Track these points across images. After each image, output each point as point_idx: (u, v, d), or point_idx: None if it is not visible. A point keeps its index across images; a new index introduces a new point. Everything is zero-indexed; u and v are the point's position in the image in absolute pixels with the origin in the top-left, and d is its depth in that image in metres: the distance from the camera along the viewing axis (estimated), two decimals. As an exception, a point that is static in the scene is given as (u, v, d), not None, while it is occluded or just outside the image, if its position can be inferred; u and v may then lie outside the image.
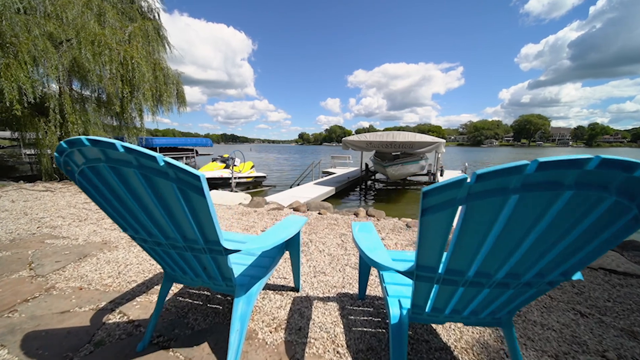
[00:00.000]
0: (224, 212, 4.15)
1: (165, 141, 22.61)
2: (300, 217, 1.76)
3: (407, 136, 7.91)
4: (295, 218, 1.73)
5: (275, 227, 1.54)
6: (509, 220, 0.71)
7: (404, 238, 3.12)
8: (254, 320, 1.60)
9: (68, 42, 9.58)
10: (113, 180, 0.91)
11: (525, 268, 0.86)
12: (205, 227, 1.00)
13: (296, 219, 1.71)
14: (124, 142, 0.78)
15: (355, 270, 2.27)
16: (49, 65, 9.09)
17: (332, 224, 3.61)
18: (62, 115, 9.70)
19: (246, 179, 10.11)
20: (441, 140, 7.82)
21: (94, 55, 9.43)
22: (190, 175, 0.82)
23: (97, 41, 9.49)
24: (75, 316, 1.58)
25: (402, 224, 3.64)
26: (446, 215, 0.73)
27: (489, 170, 0.62)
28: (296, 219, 1.71)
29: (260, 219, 3.79)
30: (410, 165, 9.61)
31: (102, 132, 13.20)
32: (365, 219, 3.85)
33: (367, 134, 8.67)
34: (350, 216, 4.00)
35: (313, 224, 3.60)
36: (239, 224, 3.57)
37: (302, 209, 4.22)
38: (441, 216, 0.74)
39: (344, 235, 3.13)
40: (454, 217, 0.74)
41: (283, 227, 1.54)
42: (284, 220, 1.69)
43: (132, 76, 10.12)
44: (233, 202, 4.77)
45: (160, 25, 13.34)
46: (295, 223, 1.64)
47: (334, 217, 3.90)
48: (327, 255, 2.58)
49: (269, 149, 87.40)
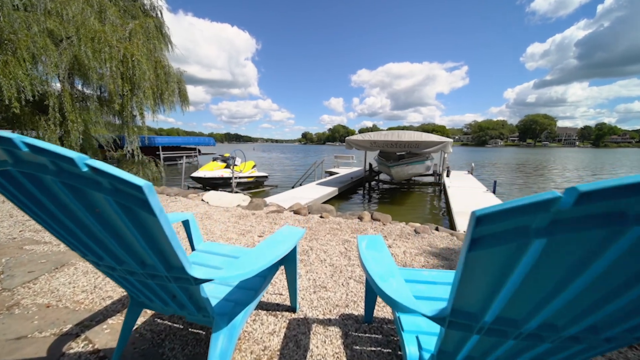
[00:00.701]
0: (221, 214, 3.92)
1: (167, 140, 22.54)
2: (297, 229, 1.50)
3: (413, 135, 7.62)
4: (291, 230, 1.47)
5: (267, 242, 1.28)
6: (618, 259, 0.45)
7: (413, 245, 2.85)
8: (241, 351, 1.35)
9: (68, 40, 9.45)
10: (34, 190, 0.67)
11: (612, 319, 0.60)
12: (166, 252, 0.75)
13: (292, 231, 1.45)
14: (25, 138, 0.53)
15: (360, 284, 2.01)
16: (49, 63, 8.95)
17: (335, 228, 3.36)
18: (62, 113, 9.57)
19: (247, 178, 9.89)
20: (448, 139, 7.51)
21: (94, 52, 9.27)
22: (130, 186, 0.57)
23: (97, 38, 9.32)
24: (32, 344, 1.35)
25: (409, 230, 3.37)
26: (510, 250, 0.48)
27: (603, 186, 0.36)
28: (292, 231, 1.45)
29: (258, 223, 3.54)
30: (416, 166, 9.31)
31: (104, 130, 13.15)
32: (370, 223, 3.58)
33: (372, 133, 8.39)
34: (354, 220, 3.74)
35: (314, 228, 3.35)
36: (235, 228, 3.33)
37: (303, 212, 3.97)
38: (502, 251, 0.48)
39: (348, 242, 2.87)
40: (523, 254, 0.48)
41: (276, 242, 1.29)
42: (278, 232, 1.44)
43: (132, 74, 9.95)
44: (231, 204, 4.54)
45: (162, 23, 13.20)
46: (291, 236, 1.38)
47: (337, 221, 3.65)
48: (328, 265, 2.32)
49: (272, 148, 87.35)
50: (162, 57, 11.98)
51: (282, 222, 3.58)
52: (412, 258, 2.51)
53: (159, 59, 11.66)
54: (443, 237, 3.12)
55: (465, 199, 7.19)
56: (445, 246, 2.85)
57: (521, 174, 16.58)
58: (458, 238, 3.06)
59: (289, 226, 1.51)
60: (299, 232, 1.45)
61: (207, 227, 3.33)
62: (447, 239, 3.07)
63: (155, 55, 11.52)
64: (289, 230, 1.46)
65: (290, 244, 1.28)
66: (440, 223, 6.23)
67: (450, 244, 2.92)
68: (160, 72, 11.75)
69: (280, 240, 1.31)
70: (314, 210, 4.07)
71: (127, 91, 10.07)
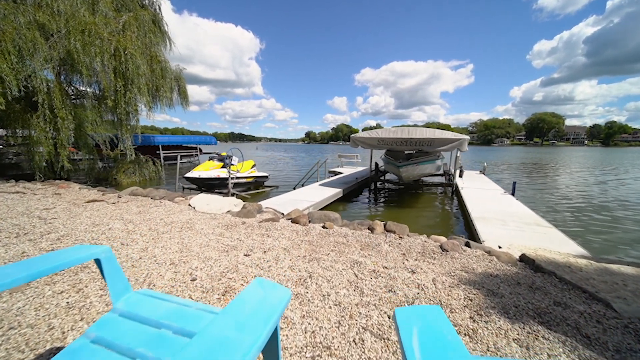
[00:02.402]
0: (205, 223, 3.31)
1: (167, 139, 22.08)
2: (276, 292, 0.84)
3: (425, 132, 6.93)
4: (264, 297, 0.80)
5: (223, 322, 0.65)
6: None
7: (443, 269, 2.21)
8: None
9: (59, 33, 8.96)
10: None
11: None
12: None
13: (267, 299, 0.78)
14: None
15: (380, 340, 1.39)
16: (38, 57, 8.46)
17: (341, 243, 2.73)
18: (52, 110, 9.09)
19: (246, 179, 9.29)
20: (465, 137, 6.82)
21: (84, 45, 8.76)
22: None
23: (87, 31, 8.79)
24: None
25: (433, 245, 2.72)
26: None
27: None
28: (267, 299, 0.78)
29: (247, 235, 2.93)
30: (427, 165, 8.62)
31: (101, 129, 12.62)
32: (383, 236, 2.95)
33: (379, 130, 7.73)
34: (363, 231, 3.11)
35: (316, 243, 2.73)
36: (218, 243, 2.71)
37: (303, 220, 3.35)
38: None
39: (358, 265, 2.24)
40: None
41: (239, 326, 0.65)
42: (244, 298, 0.78)
43: (125, 68, 9.41)
44: (220, 210, 3.94)
45: (161, 19, 12.66)
46: (265, 312, 0.73)
47: (343, 233, 3.02)
48: (333, 305, 1.70)
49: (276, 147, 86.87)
50: (159, 52, 11.42)
51: (276, 234, 2.96)
52: (447, 292, 1.87)
53: (155, 54, 11.10)
54: (478, 256, 2.48)
55: (483, 202, 6.50)
56: (485, 271, 2.20)
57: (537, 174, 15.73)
58: (499, 259, 2.41)
59: (262, 282, 0.85)
60: (280, 301, 0.78)
61: (185, 241, 2.73)
62: (483, 259, 2.42)
63: (151, 50, 10.97)
64: (260, 296, 0.79)
65: (266, 325, 0.64)
66: (455, 229, 5.56)
67: (490, 267, 2.27)
68: (157, 67, 11.20)
69: (249, 317, 0.67)
70: (316, 218, 3.45)
71: (120, 87, 9.53)
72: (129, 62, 9.36)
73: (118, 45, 9.21)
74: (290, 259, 2.36)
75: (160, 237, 2.85)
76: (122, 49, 9.24)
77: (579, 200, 8.59)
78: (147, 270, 2.09)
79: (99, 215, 3.69)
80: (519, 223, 5.03)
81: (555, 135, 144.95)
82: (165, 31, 12.84)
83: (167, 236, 2.87)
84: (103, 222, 3.38)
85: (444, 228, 5.90)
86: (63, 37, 8.71)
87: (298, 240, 2.80)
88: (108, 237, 2.84)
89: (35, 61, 8.46)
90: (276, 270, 2.11)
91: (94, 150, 11.90)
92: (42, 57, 8.50)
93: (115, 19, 9.91)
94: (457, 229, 5.73)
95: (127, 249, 2.54)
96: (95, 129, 12.00)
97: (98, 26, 8.94)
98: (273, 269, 2.13)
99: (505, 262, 2.34)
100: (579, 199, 8.79)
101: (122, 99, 9.66)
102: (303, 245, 2.67)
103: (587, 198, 8.76)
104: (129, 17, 10.05)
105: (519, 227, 4.79)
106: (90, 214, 3.76)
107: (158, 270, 2.09)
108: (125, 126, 10.20)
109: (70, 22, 8.67)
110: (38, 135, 8.95)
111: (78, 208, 4.13)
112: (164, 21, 12.93)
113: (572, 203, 8.02)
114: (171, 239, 2.79)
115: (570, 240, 3.80)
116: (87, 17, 8.91)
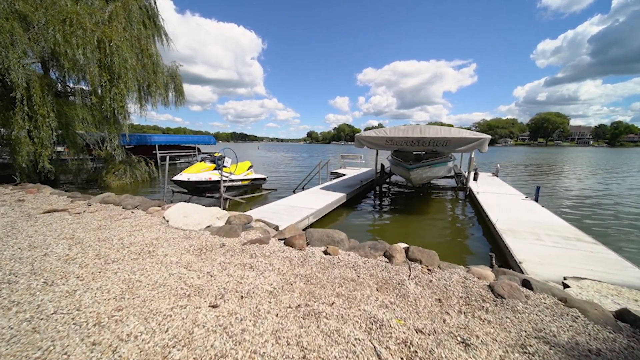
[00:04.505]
0: (173, 246, 2.56)
1: (164, 139, 21.35)
2: None
3: (440, 131, 6.15)
4: None
5: None
6: None
7: (508, 335, 1.44)
8: None
9: (40, 24, 8.26)
10: None
11: None
12: None
13: None
14: None
15: None
16: (16, 49, 7.75)
17: (349, 279, 1.97)
18: (31, 107, 8.38)
19: (241, 182, 8.54)
20: (486, 136, 6.02)
21: (65, 36, 8.04)
22: None
23: (68, 20, 8.08)
24: None
25: (479, 286, 1.95)
26: None
27: None
28: None
29: (222, 268, 2.16)
30: (439, 168, 7.83)
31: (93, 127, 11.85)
32: (405, 267, 2.18)
33: (387, 129, 6.95)
34: (377, 260, 2.34)
35: (315, 280, 1.97)
36: (180, 281, 1.96)
37: (299, 242, 2.58)
38: None
39: (378, 326, 1.48)
40: None
41: None
42: None
43: (110, 62, 8.68)
44: (199, 225, 3.19)
45: (156, 13, 11.94)
46: None
47: (351, 262, 2.26)
48: None
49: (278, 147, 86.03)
50: (150, 46, 10.67)
51: (263, 265, 2.20)
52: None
53: (146, 47, 10.36)
54: (551, 308, 1.70)
55: (506, 210, 5.72)
56: (574, 339, 1.43)
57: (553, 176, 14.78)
58: (586, 315, 1.62)
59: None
60: None
61: (135, 278, 1.97)
62: (561, 315, 1.64)
63: (141, 43, 10.23)
64: None
65: None
66: (476, 243, 4.78)
67: (579, 332, 1.49)
68: (147, 61, 10.47)
69: None
70: (316, 239, 2.68)
71: (106, 82, 8.80)
72: (114, 55, 8.62)
73: (103, 37, 8.47)
74: (277, 312, 1.60)
75: (105, 269, 2.10)
76: (107, 41, 8.50)
77: (611, 205, 7.76)
78: (50, 342, 1.34)
79: (46, 232, 2.95)
80: (556, 237, 4.25)
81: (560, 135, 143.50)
82: (161, 26, 12.11)
83: (114, 268, 2.12)
84: (45, 243, 2.64)
85: (462, 237, 5.12)
86: (42, 27, 8.00)
87: (291, 275, 2.04)
88: (34, 270, 2.09)
89: (13, 54, 7.74)
90: (252, 342, 1.35)
91: (83, 150, 11.21)
92: (21, 50, 7.80)
93: (102, 9, 9.19)
94: (477, 241, 4.94)
95: (49, 291, 1.79)
96: (88, 128, 11.28)
97: (81, 15, 8.20)
98: (248, 338, 1.37)
99: (596, 321, 1.56)
100: (609, 204, 7.96)
101: (108, 95, 8.92)
102: (297, 285, 1.91)
103: (621, 205, 7.90)
104: (116, 7, 9.31)
105: (557, 243, 4.01)
106: (36, 230, 3.02)
107: (67, 341, 1.33)
108: (112, 125, 9.47)
109: (49, 11, 7.95)
110: (17, 134, 8.25)
111: (28, 221, 3.40)
112: (160, 15, 12.20)
113: (608, 211, 7.14)
114: (118, 273, 2.04)
115: (628, 262, 3.05)
116: (68, 6, 8.19)
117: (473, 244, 4.71)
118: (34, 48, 8.56)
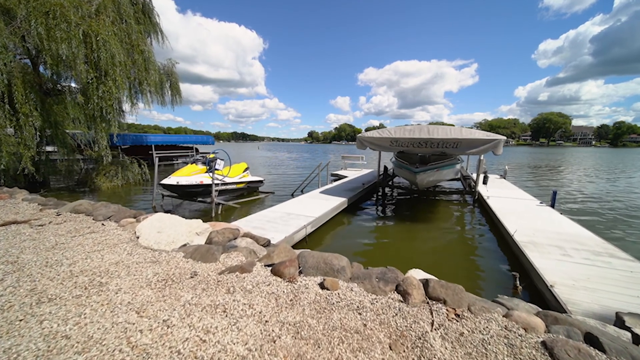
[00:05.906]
0: (133, 276, 2.05)
1: (160, 139, 20.84)
2: None
3: (451, 132, 5.63)
4: None
5: None
6: None
7: None
8: None
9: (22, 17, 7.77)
10: None
11: None
12: None
13: None
14: None
15: None
16: (-4, 43, 7.27)
17: (353, 330, 1.46)
18: (13, 105, 7.89)
19: (236, 185, 8.03)
20: (501, 137, 5.51)
21: (48, 30, 7.54)
22: None
23: (52, 12, 7.57)
24: None
25: (529, 344, 1.44)
26: None
27: None
28: None
29: (186, 313, 1.65)
30: (447, 171, 7.32)
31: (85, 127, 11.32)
32: (425, 311, 1.68)
33: (391, 129, 6.44)
34: (389, 298, 1.83)
35: (306, 333, 1.47)
36: (124, 336, 1.45)
37: (289, 271, 2.07)
38: None
39: None
40: None
41: None
42: None
43: (97, 57, 8.19)
44: (173, 243, 2.68)
45: (151, 9, 11.45)
46: None
47: (355, 303, 1.75)
48: None
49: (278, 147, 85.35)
50: (141, 42, 10.15)
51: (240, 306, 1.69)
52: None
53: (137, 43, 9.84)
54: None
55: (521, 218, 5.21)
56: None
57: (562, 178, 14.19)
58: None
59: None
60: None
61: (67, 327, 1.47)
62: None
63: (131, 38, 9.71)
64: None
65: None
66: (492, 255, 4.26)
67: None
68: (138, 57, 9.96)
69: None
70: (310, 266, 2.17)
71: (92, 78, 8.30)
72: (101, 50, 8.11)
73: (89, 31, 7.96)
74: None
75: (31, 314, 1.60)
76: (93, 35, 7.99)
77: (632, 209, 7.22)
78: None
79: (-12, 253, 2.46)
80: (585, 252, 3.73)
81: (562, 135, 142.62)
82: (157, 23, 11.62)
83: (45, 312, 1.62)
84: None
85: (474, 250, 4.60)
86: (23, 19, 7.51)
87: (275, 324, 1.54)
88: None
89: (-10, 48, 7.24)
90: None
91: (75, 151, 10.72)
92: (1, 44, 7.31)
93: (89, 1, 8.68)
94: (493, 254, 4.42)
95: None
96: (79, 127, 10.76)
97: (65, 8, 7.68)
98: None
99: None
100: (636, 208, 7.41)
101: (95, 92, 8.41)
102: (282, 341, 1.40)
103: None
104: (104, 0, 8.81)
105: (587, 260, 3.50)
106: (-23, 250, 2.53)
107: None
108: (99, 124, 8.96)
109: (31, 3, 7.45)
110: (-1, 134, 7.75)
111: (-24, 236, 2.91)
112: (156, 12, 11.72)
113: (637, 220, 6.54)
114: (45, 321, 1.54)
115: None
116: (52, -3, 7.68)
117: (488, 258, 4.19)
118: (16, 42, 8.08)
